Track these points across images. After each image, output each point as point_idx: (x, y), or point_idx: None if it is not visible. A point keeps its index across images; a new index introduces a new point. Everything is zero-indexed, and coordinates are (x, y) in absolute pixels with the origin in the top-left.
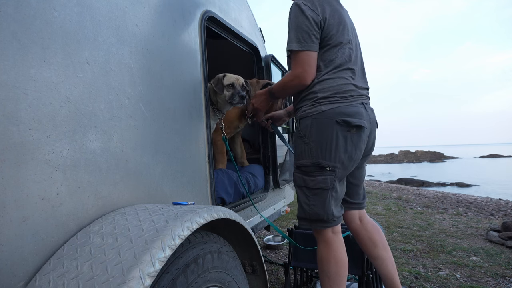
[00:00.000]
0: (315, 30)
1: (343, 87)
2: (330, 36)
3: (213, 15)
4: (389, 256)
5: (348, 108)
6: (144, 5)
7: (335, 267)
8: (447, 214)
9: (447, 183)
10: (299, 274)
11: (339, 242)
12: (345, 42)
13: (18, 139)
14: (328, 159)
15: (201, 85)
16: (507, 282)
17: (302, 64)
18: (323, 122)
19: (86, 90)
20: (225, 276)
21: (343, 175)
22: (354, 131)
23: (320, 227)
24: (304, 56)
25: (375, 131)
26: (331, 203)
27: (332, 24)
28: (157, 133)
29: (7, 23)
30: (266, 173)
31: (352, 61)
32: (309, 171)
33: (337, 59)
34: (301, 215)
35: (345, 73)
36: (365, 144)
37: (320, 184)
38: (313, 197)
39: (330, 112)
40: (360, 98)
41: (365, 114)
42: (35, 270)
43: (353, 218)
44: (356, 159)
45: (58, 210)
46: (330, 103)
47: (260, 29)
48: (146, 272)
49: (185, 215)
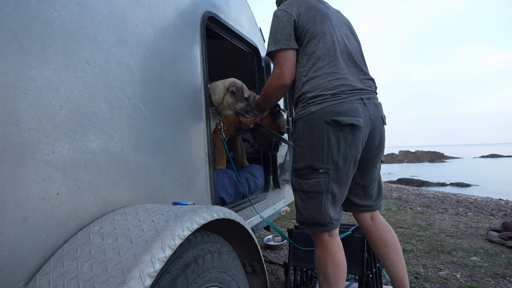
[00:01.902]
0: (288, 28)
1: (331, 83)
2: (307, 29)
3: (213, 15)
4: (399, 258)
5: (340, 106)
6: (144, 5)
7: (333, 270)
8: (447, 214)
9: (447, 183)
10: (299, 274)
11: (337, 245)
12: (325, 32)
13: (18, 139)
14: (321, 161)
15: (201, 85)
16: (507, 282)
17: (278, 64)
18: (313, 123)
19: (86, 90)
20: (225, 276)
21: (339, 176)
22: (347, 130)
23: (318, 231)
24: (280, 56)
25: (380, 128)
26: (327, 206)
27: (307, 18)
28: (157, 133)
29: (7, 23)
30: (266, 173)
31: (337, 51)
32: (303, 174)
33: (318, 50)
34: (299, 219)
35: (331, 67)
36: (362, 142)
37: (314, 187)
38: (308, 200)
39: (319, 112)
40: (355, 93)
41: (363, 110)
42: (35, 270)
43: (364, 218)
44: (352, 159)
45: (58, 210)
46: (320, 103)
47: (260, 29)
48: (146, 272)
49: (185, 215)
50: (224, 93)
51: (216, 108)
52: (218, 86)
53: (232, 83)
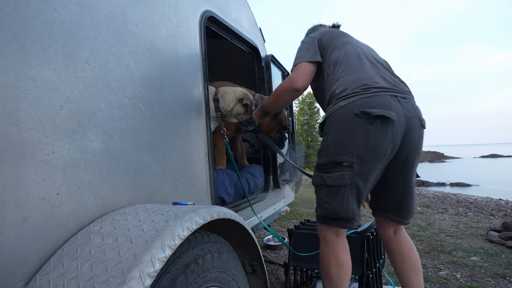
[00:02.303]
0: (313, 44)
1: (360, 79)
2: (329, 43)
3: (213, 15)
4: (417, 278)
5: (370, 100)
6: (144, 5)
7: (336, 269)
8: (447, 214)
9: (447, 183)
10: (299, 274)
11: (342, 245)
12: (346, 43)
13: (18, 139)
14: (345, 154)
15: (201, 85)
16: (507, 282)
17: (295, 71)
18: (341, 118)
19: (86, 90)
20: (225, 276)
21: (364, 171)
22: (377, 123)
23: (339, 227)
24: (296, 67)
25: (418, 131)
26: (350, 201)
27: (329, 35)
28: (157, 133)
29: (7, 23)
30: (266, 173)
31: (361, 55)
32: (326, 168)
33: (341, 56)
34: (320, 214)
35: (358, 67)
36: (395, 139)
37: (337, 181)
38: (331, 194)
39: (349, 106)
40: (387, 90)
41: (396, 106)
42: (35, 270)
43: (387, 229)
44: (381, 155)
45: (58, 210)
46: (349, 97)
47: (260, 29)
48: (146, 272)
49: (185, 215)
50: (235, 103)
51: (221, 114)
52: (229, 94)
53: (245, 95)
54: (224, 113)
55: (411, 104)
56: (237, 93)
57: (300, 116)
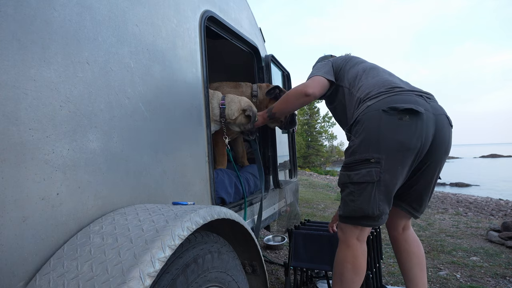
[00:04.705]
0: (328, 66)
1: (382, 82)
2: (344, 65)
3: (213, 15)
4: (422, 275)
5: (397, 97)
6: (144, 5)
7: (351, 273)
8: (447, 214)
9: (447, 183)
10: (299, 274)
11: (362, 250)
12: (361, 61)
13: (18, 139)
14: (373, 150)
15: (201, 85)
16: (507, 282)
17: (309, 79)
18: (369, 116)
19: (86, 90)
20: (225, 276)
21: (392, 166)
22: (406, 118)
23: (363, 225)
24: (313, 77)
25: (447, 129)
26: (377, 198)
27: (340, 59)
28: (157, 133)
29: (7, 23)
30: (266, 173)
31: (378, 68)
32: (353, 166)
33: (360, 70)
34: (345, 213)
35: (377, 75)
36: (425, 135)
37: (365, 177)
38: (358, 191)
39: (376, 104)
40: (411, 90)
41: (423, 103)
42: (35, 270)
43: (397, 225)
44: (412, 149)
45: (58, 210)
46: (376, 97)
47: (260, 29)
48: (146, 272)
49: (185, 215)
50: (239, 113)
51: (225, 121)
52: (235, 103)
53: (249, 107)
54: (228, 120)
55: (437, 103)
56: (242, 103)
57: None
